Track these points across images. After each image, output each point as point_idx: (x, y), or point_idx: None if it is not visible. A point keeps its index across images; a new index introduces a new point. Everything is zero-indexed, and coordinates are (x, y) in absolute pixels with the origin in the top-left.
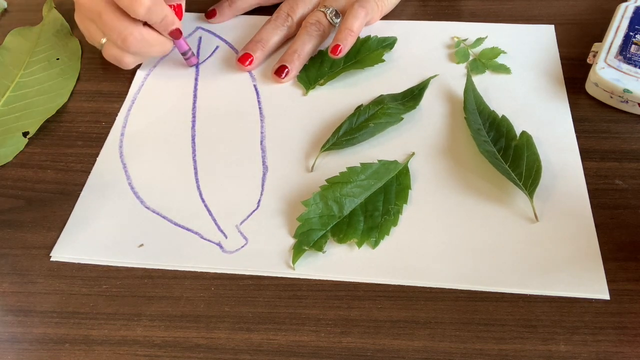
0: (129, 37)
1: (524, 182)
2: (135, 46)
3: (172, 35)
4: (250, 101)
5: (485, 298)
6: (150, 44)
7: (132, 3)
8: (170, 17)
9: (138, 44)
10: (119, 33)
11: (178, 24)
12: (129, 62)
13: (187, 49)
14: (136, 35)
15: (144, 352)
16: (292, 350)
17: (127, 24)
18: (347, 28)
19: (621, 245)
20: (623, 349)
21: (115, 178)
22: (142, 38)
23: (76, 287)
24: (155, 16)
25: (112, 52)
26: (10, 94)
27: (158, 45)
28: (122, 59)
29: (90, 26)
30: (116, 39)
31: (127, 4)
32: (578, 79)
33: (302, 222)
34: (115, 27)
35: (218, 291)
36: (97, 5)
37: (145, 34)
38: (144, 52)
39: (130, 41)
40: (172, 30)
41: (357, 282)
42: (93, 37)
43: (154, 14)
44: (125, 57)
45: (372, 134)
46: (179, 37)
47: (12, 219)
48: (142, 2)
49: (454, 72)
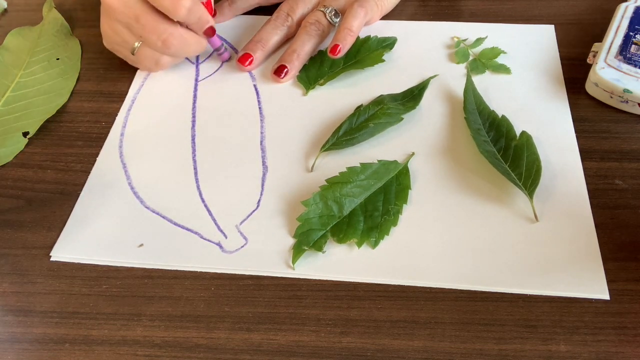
0: (169, 38)
1: (523, 182)
2: (175, 47)
3: (206, 33)
4: (250, 101)
5: (485, 298)
6: (188, 44)
7: (174, 5)
8: (205, 15)
9: (178, 45)
10: (159, 35)
11: (212, 21)
12: (166, 63)
13: (220, 44)
14: (176, 36)
15: (144, 352)
16: (292, 350)
17: (166, 25)
18: (346, 28)
19: (621, 245)
20: (623, 349)
21: (115, 178)
22: (182, 38)
23: (76, 287)
24: (193, 16)
25: (148, 54)
26: (10, 94)
27: (195, 44)
28: (159, 60)
29: (122, 31)
30: (156, 41)
31: (169, 6)
32: (578, 79)
33: (302, 222)
34: (156, 29)
35: (218, 291)
36: (132, 9)
37: (184, 35)
38: (182, 53)
39: (171, 42)
40: (207, 29)
41: (357, 282)
42: (125, 42)
43: (192, 14)
44: (162, 58)
45: (372, 134)
46: (212, 35)
47: (12, 219)
48: (183, 3)
49: (453, 72)
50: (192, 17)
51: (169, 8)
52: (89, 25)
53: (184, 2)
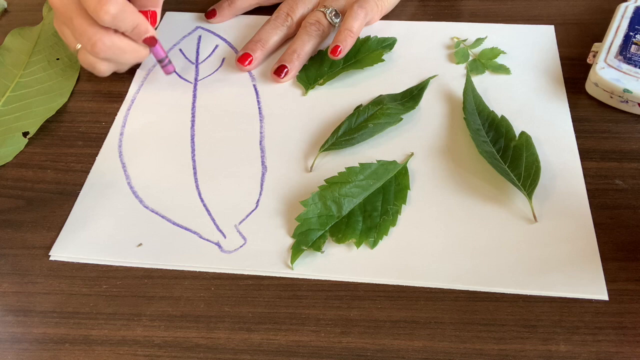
0: (98, 42)
1: (522, 183)
2: (104, 52)
3: (146, 42)
4: (250, 101)
5: (485, 298)
6: (122, 51)
7: (97, 10)
8: (143, 25)
9: (108, 51)
10: (88, 38)
11: (152, 31)
12: (102, 69)
13: (163, 56)
14: (105, 42)
15: (144, 352)
16: (292, 350)
17: (96, 29)
18: (346, 29)
19: (621, 245)
20: (623, 349)
21: (115, 178)
22: (113, 44)
23: (76, 287)
24: (123, 24)
25: (86, 58)
26: (10, 94)
27: (131, 53)
28: (94, 65)
29: (65, 31)
30: (86, 45)
31: (93, 10)
32: (578, 79)
33: (301, 222)
34: (85, 32)
35: (218, 291)
36: (68, 10)
37: (116, 41)
38: (116, 59)
39: (99, 47)
40: (146, 38)
41: (357, 282)
42: (69, 43)
43: (121, 21)
44: (97, 63)
45: (371, 135)
46: (153, 45)
47: (12, 219)
48: (107, 9)
49: (453, 73)
50: (123, 25)
51: (92, 12)
52: None
53: (107, 8)
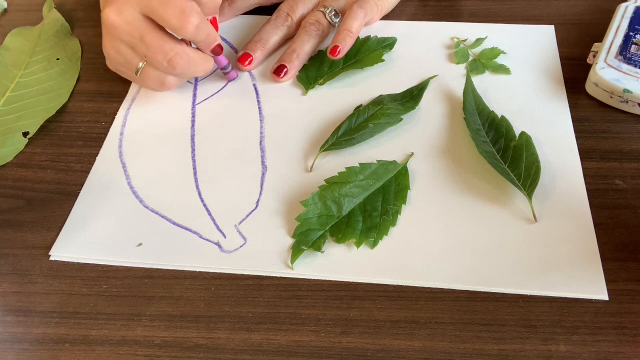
0: (176, 57)
1: (522, 183)
2: (181, 66)
3: (214, 51)
4: (250, 101)
5: (485, 298)
6: (196, 64)
7: (182, 22)
8: (213, 33)
9: (185, 64)
10: (165, 54)
11: (219, 39)
12: (172, 83)
13: (226, 63)
14: (182, 55)
15: (144, 352)
16: (292, 350)
17: (172, 44)
18: (345, 29)
19: (621, 245)
20: (623, 349)
21: (115, 177)
22: (189, 58)
23: (76, 287)
24: (201, 34)
25: (153, 75)
26: (10, 94)
27: (203, 64)
28: (164, 80)
29: (125, 51)
30: (162, 61)
31: (176, 23)
32: (578, 79)
33: (301, 222)
34: (161, 48)
35: (218, 291)
36: (136, 27)
37: (191, 54)
38: (189, 72)
39: (177, 61)
40: (215, 47)
41: (357, 282)
42: (128, 62)
43: (200, 32)
44: (168, 79)
45: (371, 135)
46: (220, 53)
47: (12, 219)
48: (191, 20)
49: (453, 73)
50: (200, 35)
51: (176, 25)
52: (89, 25)
53: (192, 19)
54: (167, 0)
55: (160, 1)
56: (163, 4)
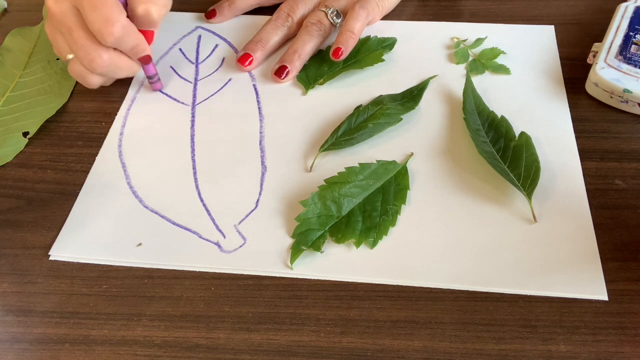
0: (97, 59)
1: (522, 183)
2: (101, 68)
3: (141, 60)
4: (250, 101)
5: (485, 298)
6: (118, 68)
7: (102, 31)
8: (142, 44)
9: (105, 67)
10: (86, 53)
11: (149, 50)
12: (93, 82)
13: (154, 72)
14: (104, 59)
15: (144, 352)
16: (292, 350)
17: (96, 45)
18: (348, 30)
19: (621, 245)
20: (623, 349)
21: (114, 177)
22: (111, 62)
23: (76, 287)
24: (125, 44)
25: (78, 69)
26: (10, 94)
27: (126, 69)
28: (86, 77)
29: (59, 39)
30: (83, 59)
31: (97, 30)
32: (578, 79)
33: (301, 222)
34: (84, 47)
35: (218, 291)
36: (69, 21)
37: (114, 58)
38: (111, 75)
39: (98, 63)
40: (142, 57)
41: (357, 282)
42: (60, 50)
43: (124, 42)
44: (90, 76)
45: (370, 135)
46: (148, 63)
47: (12, 219)
48: (112, 32)
49: (453, 73)
50: (125, 44)
51: (97, 32)
52: None
53: (113, 30)
54: (96, 4)
55: (89, 3)
56: (91, 6)
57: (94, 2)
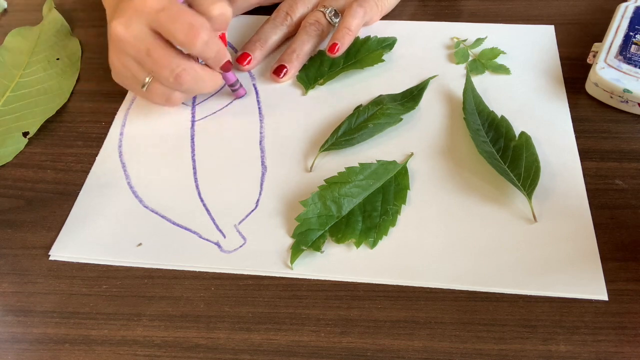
0: (182, 73)
1: (522, 183)
2: (188, 83)
3: (223, 68)
4: (250, 101)
5: (485, 298)
6: (203, 80)
7: (189, 38)
8: (223, 50)
9: (192, 81)
10: (171, 70)
11: (229, 56)
12: (178, 100)
13: (235, 79)
14: (190, 72)
15: (144, 352)
16: (292, 350)
17: (179, 60)
18: (344, 27)
19: (621, 246)
20: (623, 349)
21: (114, 177)
22: (196, 74)
23: (76, 287)
24: (210, 50)
25: (160, 90)
26: (10, 94)
27: (210, 81)
28: (171, 96)
29: (132, 65)
30: (168, 77)
31: (184, 38)
32: (578, 79)
33: (301, 222)
34: (168, 63)
35: (218, 291)
36: (144, 42)
37: (199, 70)
38: (196, 90)
39: (184, 78)
40: (224, 64)
41: (356, 282)
42: (134, 76)
43: (209, 48)
44: (174, 95)
45: (371, 135)
46: (229, 70)
47: (12, 219)
48: (201, 36)
49: (453, 73)
50: (209, 51)
51: (184, 41)
52: (89, 25)
53: (200, 35)
54: (175, 15)
55: (168, 16)
56: (171, 18)
57: (172, 14)
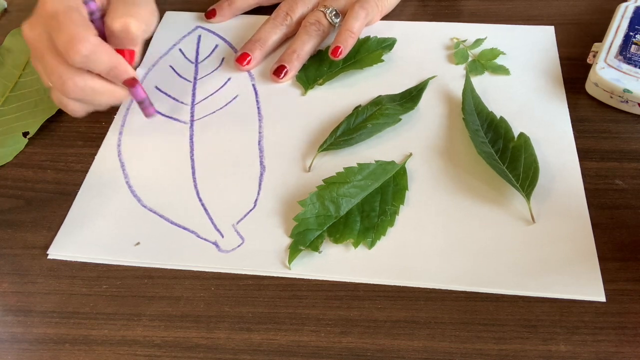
0: (68, 82)
1: (521, 184)
2: (75, 93)
3: (126, 84)
4: (249, 101)
5: (485, 298)
6: (96, 92)
7: (67, 50)
8: (122, 65)
9: (80, 92)
10: (58, 77)
11: (132, 72)
12: (75, 109)
13: (143, 97)
14: (77, 82)
15: (144, 352)
16: (292, 350)
17: (66, 68)
18: (347, 29)
19: (621, 246)
20: (623, 349)
21: (113, 176)
22: (85, 85)
23: (76, 287)
24: (97, 65)
25: (57, 96)
26: (10, 94)
27: (106, 94)
28: (66, 105)
29: (37, 66)
30: (55, 83)
31: (63, 49)
32: (578, 79)
33: (299, 222)
34: (55, 70)
35: (218, 291)
36: (40, 45)
37: (89, 82)
38: (89, 101)
39: (69, 87)
40: (126, 80)
41: (356, 282)
42: (42, 79)
43: (95, 62)
44: (69, 103)
45: (369, 135)
46: (133, 86)
47: (12, 219)
48: (78, 49)
49: (452, 73)
50: (97, 65)
51: (63, 52)
52: None
53: (78, 48)
54: (61, 24)
55: (55, 23)
56: (57, 26)
57: (60, 21)
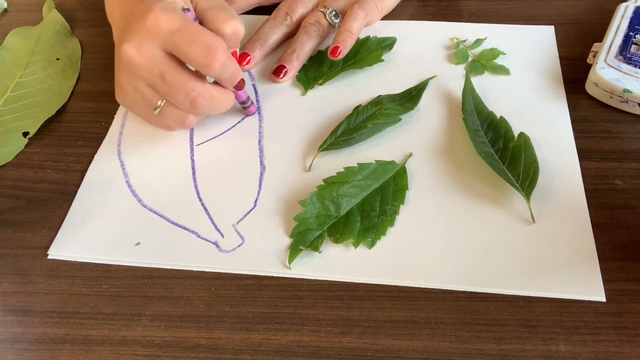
0: (198, 97)
1: (521, 184)
2: (204, 106)
3: (237, 87)
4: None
5: (485, 298)
6: (219, 101)
7: (207, 60)
8: (238, 69)
9: (207, 104)
10: (187, 94)
11: (242, 74)
12: (192, 123)
13: (246, 97)
14: (205, 95)
15: (144, 352)
16: (292, 350)
17: (194, 83)
18: (346, 30)
19: (621, 246)
20: (623, 349)
21: (113, 176)
22: (211, 96)
23: (76, 287)
24: (227, 71)
25: (174, 113)
26: (10, 94)
27: (225, 102)
28: (185, 120)
29: (144, 89)
30: (183, 101)
31: (202, 60)
32: (578, 79)
33: (299, 222)
34: (183, 87)
35: (218, 291)
36: (158, 65)
37: (213, 92)
38: (211, 111)
39: (199, 101)
40: (238, 82)
41: (356, 282)
42: (146, 100)
43: (226, 69)
44: (188, 118)
45: (369, 135)
46: (242, 88)
47: (12, 219)
48: (218, 57)
49: (452, 73)
50: (226, 72)
51: (202, 63)
52: (89, 25)
53: (218, 56)
54: (192, 37)
55: (184, 37)
56: (187, 40)
57: (188, 35)
